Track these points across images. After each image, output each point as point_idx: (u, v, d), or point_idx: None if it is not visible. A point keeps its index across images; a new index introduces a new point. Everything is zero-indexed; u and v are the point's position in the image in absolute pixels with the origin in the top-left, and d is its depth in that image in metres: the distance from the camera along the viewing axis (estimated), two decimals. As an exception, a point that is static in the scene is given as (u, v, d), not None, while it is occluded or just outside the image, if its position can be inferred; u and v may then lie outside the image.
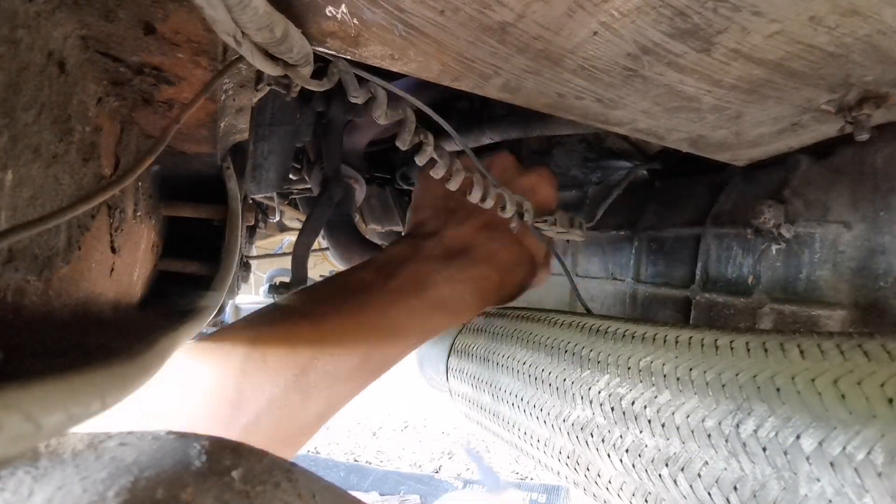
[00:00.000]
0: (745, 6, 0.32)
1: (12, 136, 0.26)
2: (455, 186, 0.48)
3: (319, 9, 0.31)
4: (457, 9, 0.31)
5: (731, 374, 0.32)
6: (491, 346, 0.56)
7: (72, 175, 0.34)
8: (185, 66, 0.33)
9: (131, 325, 0.45)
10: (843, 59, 0.37)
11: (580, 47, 0.35)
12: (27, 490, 0.18)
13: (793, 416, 0.28)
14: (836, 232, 0.50)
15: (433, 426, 2.50)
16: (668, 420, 0.34)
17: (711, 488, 0.31)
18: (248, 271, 1.01)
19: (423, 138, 0.44)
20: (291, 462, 0.25)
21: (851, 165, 0.52)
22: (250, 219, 0.62)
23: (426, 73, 0.38)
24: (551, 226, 0.59)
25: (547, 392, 0.45)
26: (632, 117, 0.47)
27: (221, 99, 0.38)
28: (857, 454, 0.25)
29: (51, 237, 0.32)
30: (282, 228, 1.58)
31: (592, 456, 0.40)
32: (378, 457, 2.15)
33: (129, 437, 0.22)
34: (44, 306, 0.32)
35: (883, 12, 0.33)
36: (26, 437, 0.15)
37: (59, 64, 0.30)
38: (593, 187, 0.82)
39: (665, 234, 0.67)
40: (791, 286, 0.53)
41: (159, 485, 0.19)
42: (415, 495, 1.74)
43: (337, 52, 0.36)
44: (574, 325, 0.48)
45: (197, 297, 0.40)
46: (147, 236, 0.51)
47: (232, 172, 0.51)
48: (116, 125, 0.40)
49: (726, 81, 0.40)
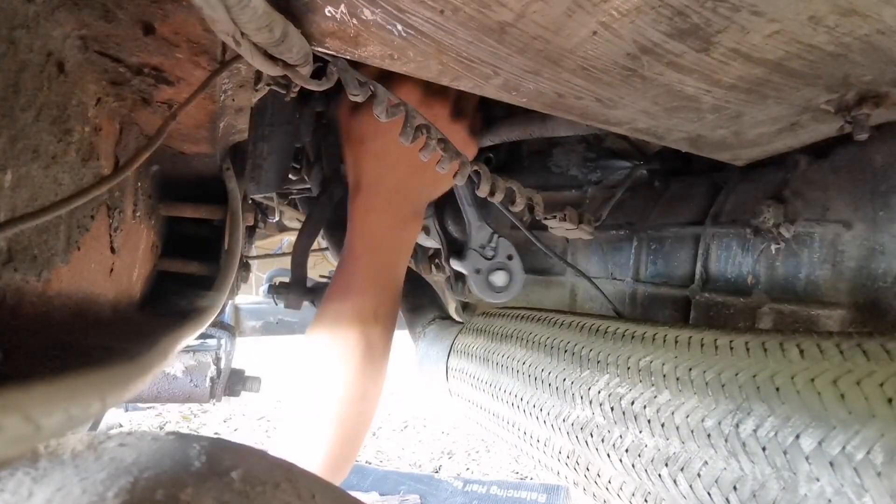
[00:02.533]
0: (745, 6, 0.32)
1: (11, 136, 0.26)
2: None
3: (318, 9, 0.31)
4: (456, 9, 0.31)
5: (730, 374, 0.32)
6: (491, 346, 0.56)
7: (71, 175, 0.34)
8: (185, 66, 0.33)
9: (131, 325, 0.45)
10: (842, 58, 0.37)
11: (579, 47, 0.35)
12: (27, 491, 0.18)
13: (792, 416, 0.28)
14: (835, 231, 0.50)
15: (433, 426, 2.50)
16: (668, 420, 0.34)
17: (711, 488, 0.31)
18: (247, 271, 1.01)
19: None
20: (291, 462, 0.25)
21: (851, 165, 0.52)
22: (250, 219, 0.62)
23: (425, 72, 0.38)
24: (561, 222, 0.59)
25: (547, 392, 0.45)
26: (631, 117, 0.47)
27: (221, 99, 0.38)
28: (857, 454, 0.25)
29: (50, 237, 0.32)
30: (281, 228, 1.57)
31: (592, 456, 0.40)
32: (378, 457, 2.15)
33: (129, 438, 0.22)
34: (43, 306, 0.32)
35: (882, 12, 0.33)
36: (26, 438, 0.15)
37: (59, 64, 0.30)
38: (593, 187, 0.82)
39: (664, 233, 0.67)
40: (790, 286, 0.53)
41: (159, 485, 0.19)
42: (414, 495, 1.73)
43: (336, 52, 0.36)
44: (574, 325, 0.48)
45: (197, 298, 0.40)
46: (147, 236, 0.51)
47: (232, 173, 0.51)
48: (115, 125, 0.40)
49: (725, 81, 0.40)
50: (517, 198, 0.53)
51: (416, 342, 0.80)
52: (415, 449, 2.26)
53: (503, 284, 0.75)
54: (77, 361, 0.29)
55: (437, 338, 0.73)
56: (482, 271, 0.75)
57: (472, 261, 0.76)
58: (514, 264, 0.76)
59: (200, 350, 1.02)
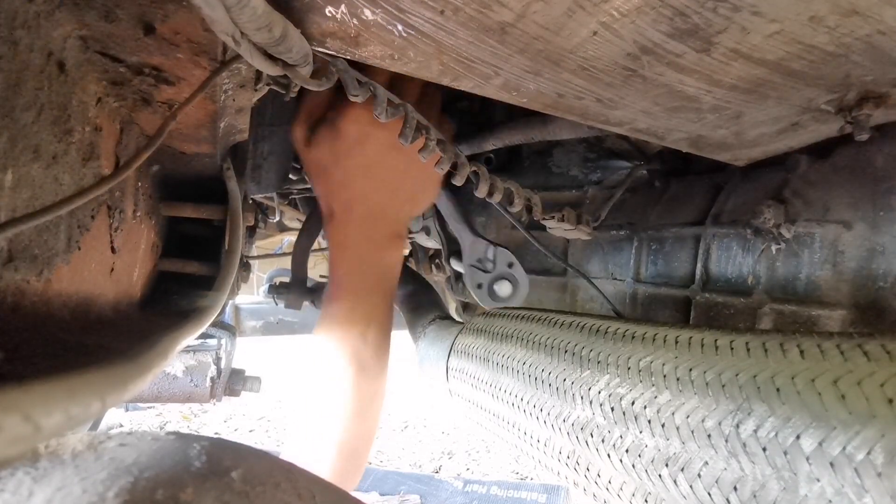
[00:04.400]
0: (745, 6, 0.32)
1: (12, 136, 0.26)
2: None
3: (319, 9, 0.31)
4: (457, 9, 0.31)
5: (731, 375, 0.32)
6: (491, 347, 0.56)
7: (72, 175, 0.34)
8: (185, 66, 0.33)
9: (132, 325, 0.45)
10: (842, 59, 0.37)
11: (580, 47, 0.35)
12: (27, 491, 0.18)
13: (793, 417, 0.28)
14: (835, 232, 0.50)
15: (433, 426, 2.50)
16: (668, 420, 0.34)
17: (711, 488, 0.31)
18: (248, 271, 1.01)
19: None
20: (291, 462, 0.25)
21: (851, 165, 0.52)
22: (250, 219, 0.62)
23: (426, 73, 0.38)
24: (559, 222, 0.59)
25: (547, 392, 0.45)
26: (632, 117, 0.47)
27: (221, 99, 0.38)
28: (857, 454, 0.25)
29: (50, 237, 0.32)
30: (282, 228, 1.57)
31: (592, 456, 0.40)
32: (378, 457, 2.15)
33: (129, 438, 0.22)
34: (44, 306, 0.32)
35: (883, 12, 0.33)
36: (26, 438, 0.15)
37: (59, 64, 0.30)
38: (593, 187, 0.82)
39: (665, 233, 0.67)
40: (791, 286, 0.53)
41: (159, 485, 0.19)
42: (415, 495, 1.74)
43: (336, 52, 0.36)
44: (574, 325, 0.48)
45: (197, 298, 0.40)
46: (147, 236, 0.51)
47: (232, 173, 0.51)
48: (116, 126, 0.40)
49: (726, 81, 0.40)
50: (515, 198, 0.53)
51: (417, 342, 0.80)
52: (415, 449, 2.26)
53: (508, 294, 0.74)
54: (78, 361, 0.29)
55: (437, 338, 0.73)
56: (484, 286, 0.74)
57: (472, 277, 0.74)
58: (517, 271, 0.74)
59: (201, 350, 1.02)
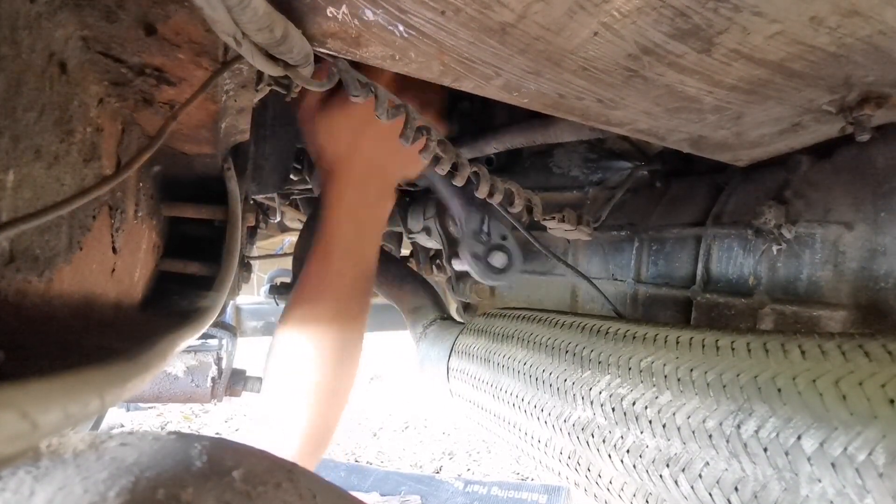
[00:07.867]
0: (746, 7, 0.32)
1: (14, 136, 0.26)
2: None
3: (320, 9, 0.31)
4: (458, 10, 0.31)
5: (732, 375, 0.32)
6: (492, 347, 0.56)
7: (73, 176, 0.34)
8: (186, 66, 0.33)
9: (132, 325, 0.45)
10: (844, 59, 0.37)
11: (581, 48, 0.35)
12: (28, 490, 0.18)
13: (794, 417, 0.28)
14: (837, 232, 0.50)
15: (434, 427, 2.50)
16: (669, 421, 0.34)
17: (713, 489, 0.31)
18: (249, 272, 1.02)
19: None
20: (292, 462, 0.25)
21: (852, 166, 0.52)
22: (251, 219, 0.62)
23: (427, 73, 0.38)
24: (559, 223, 0.59)
25: (548, 393, 0.45)
26: (632, 118, 0.47)
27: (222, 100, 0.38)
28: (859, 455, 0.25)
29: (52, 238, 0.32)
30: (282, 229, 1.58)
31: (593, 456, 0.40)
32: (379, 457, 2.15)
33: (130, 438, 0.22)
34: (45, 306, 0.32)
35: (884, 13, 0.33)
36: (23, 435, 0.15)
37: (61, 65, 0.30)
38: (594, 188, 0.82)
39: (666, 234, 0.67)
40: (792, 287, 0.53)
41: (160, 485, 0.19)
42: (415, 496, 1.73)
43: (337, 53, 0.36)
44: (575, 325, 0.48)
45: (198, 298, 0.40)
46: (148, 237, 0.51)
47: (233, 173, 0.51)
48: (118, 126, 0.40)
49: (727, 82, 0.40)
50: (516, 199, 0.53)
51: (418, 343, 0.80)
52: (416, 449, 2.26)
53: (503, 265, 0.74)
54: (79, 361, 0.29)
55: (438, 338, 0.73)
56: (480, 255, 0.75)
57: (469, 246, 0.75)
58: (510, 243, 0.75)
59: (202, 350, 1.02)
